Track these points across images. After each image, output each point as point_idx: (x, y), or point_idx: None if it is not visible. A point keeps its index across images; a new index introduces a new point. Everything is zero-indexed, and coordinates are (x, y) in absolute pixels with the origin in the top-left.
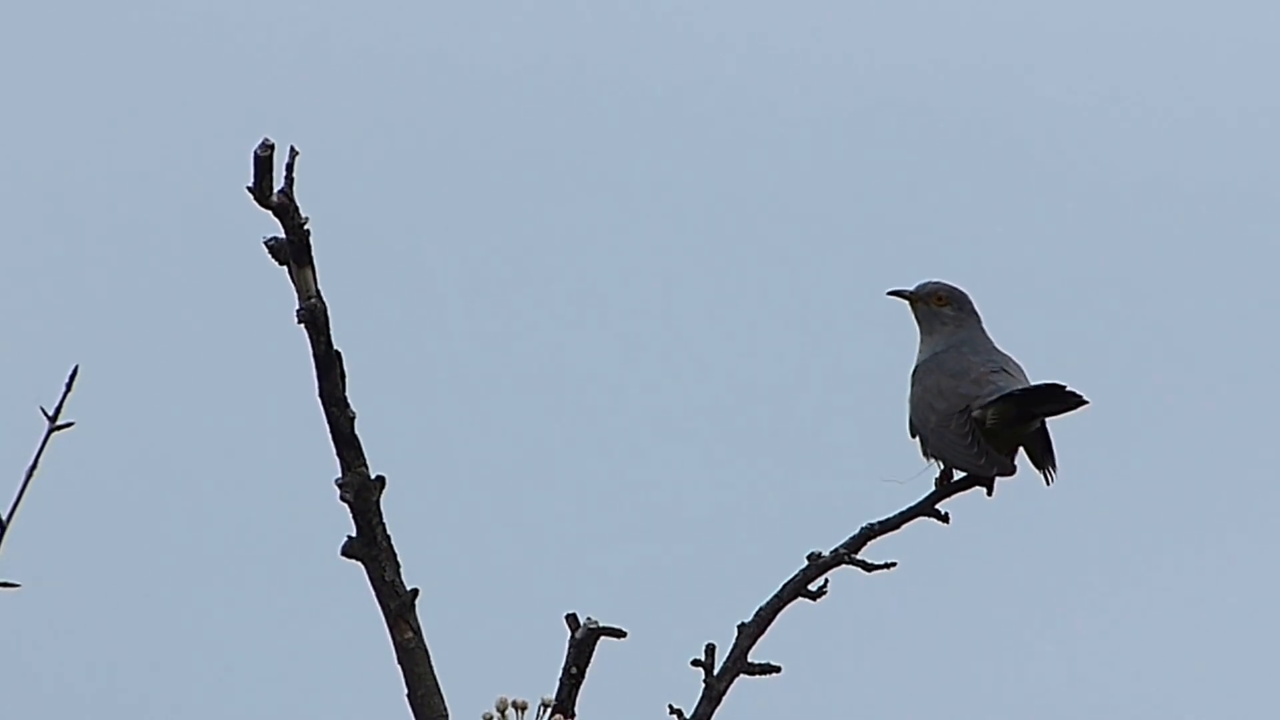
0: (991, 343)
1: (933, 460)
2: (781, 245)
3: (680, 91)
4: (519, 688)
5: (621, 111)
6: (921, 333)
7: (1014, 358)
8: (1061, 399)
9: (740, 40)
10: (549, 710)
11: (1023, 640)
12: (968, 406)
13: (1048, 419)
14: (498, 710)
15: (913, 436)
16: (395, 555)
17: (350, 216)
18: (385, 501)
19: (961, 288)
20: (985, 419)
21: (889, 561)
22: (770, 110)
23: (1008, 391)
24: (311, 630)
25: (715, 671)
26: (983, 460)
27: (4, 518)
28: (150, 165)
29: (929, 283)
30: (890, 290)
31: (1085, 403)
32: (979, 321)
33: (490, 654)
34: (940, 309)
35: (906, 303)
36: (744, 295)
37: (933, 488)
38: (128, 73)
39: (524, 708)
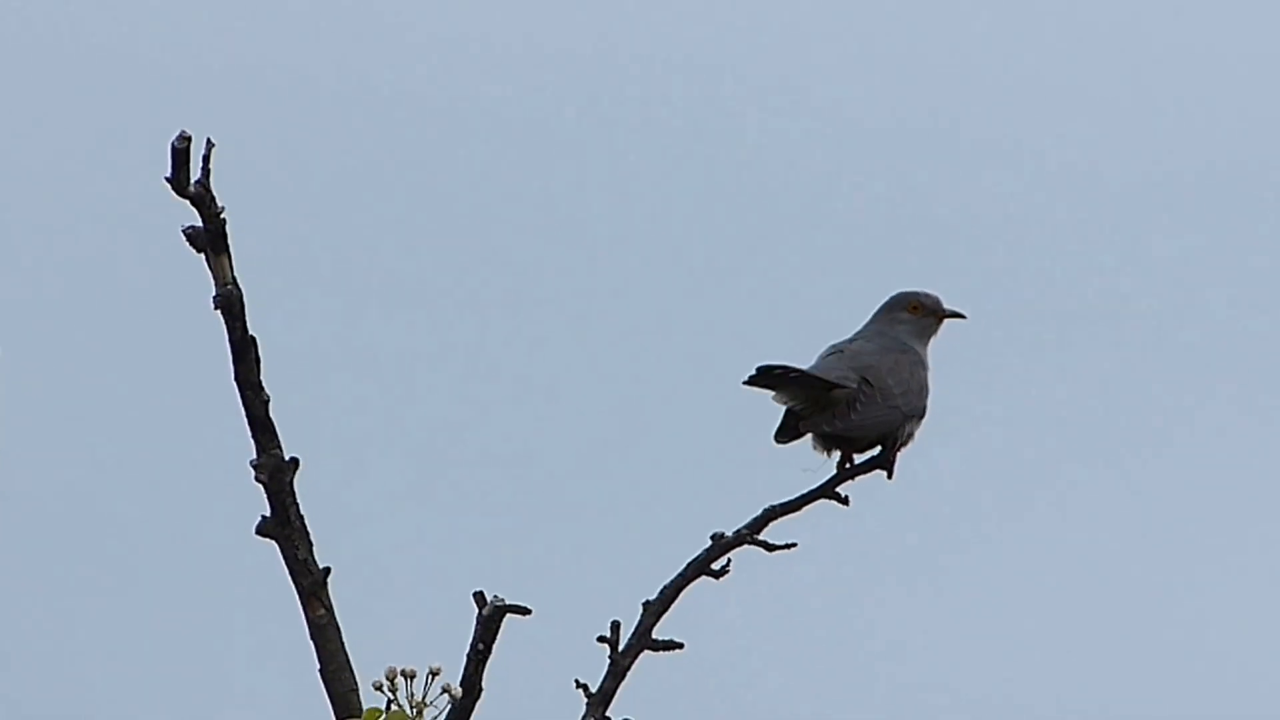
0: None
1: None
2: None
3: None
4: (427, 663)
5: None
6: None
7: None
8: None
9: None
10: (435, 678)
11: (916, 618)
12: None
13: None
14: (387, 679)
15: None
16: (308, 535)
17: (266, 205)
18: (299, 482)
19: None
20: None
21: (790, 542)
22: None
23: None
24: (226, 608)
25: (620, 648)
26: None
27: None
28: (69, 156)
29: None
30: (958, 314)
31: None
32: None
33: (400, 630)
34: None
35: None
36: (645, 280)
37: (834, 471)
38: (42, 65)
39: (413, 676)
